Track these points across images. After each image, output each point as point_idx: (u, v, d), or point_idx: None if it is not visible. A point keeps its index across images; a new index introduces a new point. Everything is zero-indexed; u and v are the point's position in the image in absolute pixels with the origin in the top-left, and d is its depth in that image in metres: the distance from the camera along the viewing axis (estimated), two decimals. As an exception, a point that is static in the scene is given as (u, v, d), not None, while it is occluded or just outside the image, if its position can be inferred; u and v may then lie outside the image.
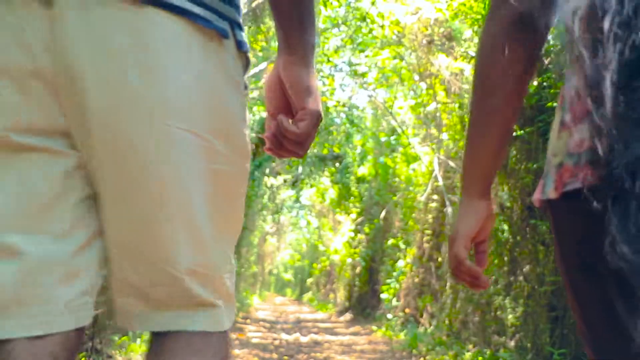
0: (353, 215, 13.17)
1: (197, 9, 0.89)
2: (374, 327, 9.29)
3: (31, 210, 0.88)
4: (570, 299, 0.92)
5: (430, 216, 7.90)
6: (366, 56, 10.28)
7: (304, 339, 7.94)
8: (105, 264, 1.00)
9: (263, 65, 8.31)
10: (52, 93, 0.87)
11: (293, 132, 1.01)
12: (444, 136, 7.36)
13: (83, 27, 0.84)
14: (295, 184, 15.62)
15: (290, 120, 1.02)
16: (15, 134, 0.86)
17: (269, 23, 7.93)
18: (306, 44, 1.01)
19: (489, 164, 1.04)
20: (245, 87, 1.00)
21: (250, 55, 1.04)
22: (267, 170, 12.46)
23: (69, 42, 0.84)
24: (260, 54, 8.68)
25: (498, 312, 5.80)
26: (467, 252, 1.05)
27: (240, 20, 0.99)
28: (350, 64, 10.80)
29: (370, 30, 9.56)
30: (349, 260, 13.11)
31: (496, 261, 5.46)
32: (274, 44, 8.25)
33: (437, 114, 7.67)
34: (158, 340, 0.99)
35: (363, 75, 10.80)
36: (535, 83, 4.91)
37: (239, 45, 0.98)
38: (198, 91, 0.90)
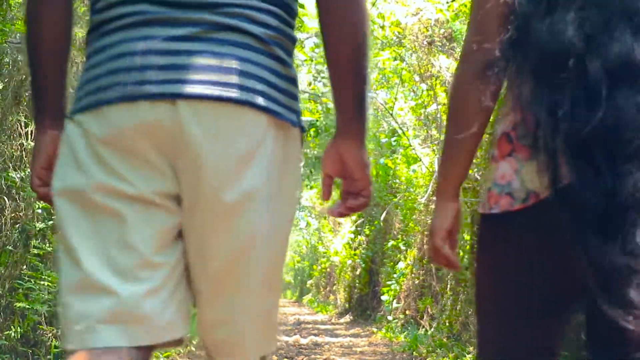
0: (353, 217, 13.15)
1: (276, 108, 1.18)
2: (374, 329, 9.27)
3: (159, 241, 1.18)
4: (495, 290, 1.20)
5: (430, 218, 7.87)
6: (367, 57, 10.26)
7: (303, 341, 7.92)
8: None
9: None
10: (173, 170, 1.18)
11: (358, 206, 1.35)
12: (445, 137, 7.33)
13: (199, 125, 1.13)
14: (295, 185, 15.59)
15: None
16: (152, 195, 1.17)
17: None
18: (365, 131, 1.32)
19: (462, 174, 1.28)
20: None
21: None
22: (267, 172, 12.42)
23: (189, 133, 1.13)
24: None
25: (499, 314, 5.77)
26: (444, 243, 1.30)
27: (299, 107, 1.29)
28: (350, 65, 10.79)
29: (371, 31, 9.54)
30: (349, 261, 13.09)
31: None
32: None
33: (438, 115, 7.65)
34: None
35: (363, 76, 10.78)
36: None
37: (301, 128, 1.28)
38: (276, 169, 1.20)
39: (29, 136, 3.97)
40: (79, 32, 4.43)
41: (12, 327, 3.69)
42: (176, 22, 1.15)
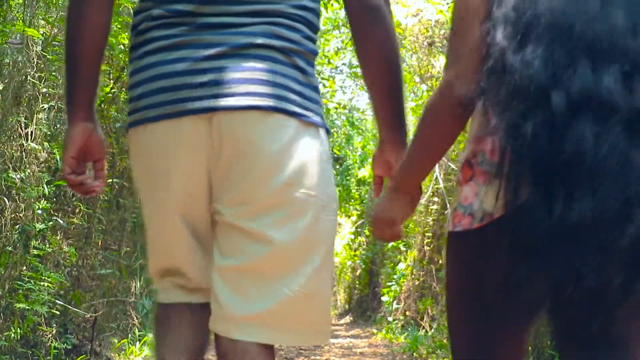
0: (353, 218, 13.15)
1: (304, 112, 1.34)
2: (374, 330, 9.26)
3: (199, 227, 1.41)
4: (462, 298, 1.33)
5: (431, 219, 7.87)
6: (367, 58, 10.27)
7: (304, 342, 7.90)
8: None
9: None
10: (209, 173, 1.35)
11: None
12: (445, 138, 7.32)
13: (232, 134, 1.29)
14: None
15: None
16: (187, 195, 1.37)
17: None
18: (405, 137, 1.53)
19: (425, 175, 1.50)
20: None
21: None
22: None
23: (226, 146, 1.30)
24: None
25: (499, 315, 5.77)
26: (401, 231, 1.52)
27: (323, 112, 1.44)
28: (350, 66, 10.78)
29: (371, 32, 9.54)
30: (349, 262, 13.09)
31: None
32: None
33: (438, 116, 7.64)
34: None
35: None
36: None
37: (326, 129, 1.42)
38: (320, 173, 1.35)
39: (29, 137, 3.97)
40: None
41: (11, 328, 3.69)
42: (207, 43, 1.30)
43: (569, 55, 1.12)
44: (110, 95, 4.86)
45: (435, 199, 7.71)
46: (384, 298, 9.33)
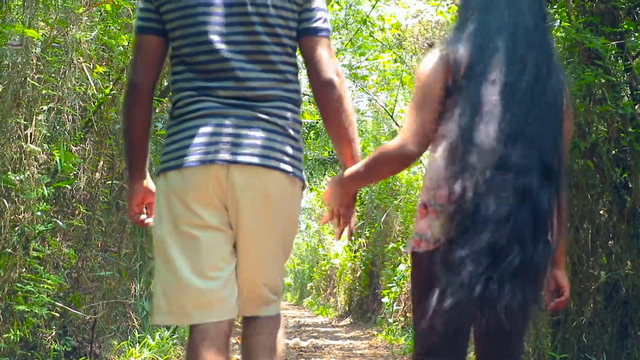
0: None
1: (292, 170, 1.94)
2: (375, 332, 9.26)
3: (223, 252, 1.95)
4: (421, 301, 1.83)
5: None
6: (367, 59, 10.25)
7: (304, 344, 7.90)
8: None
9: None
10: (226, 209, 1.92)
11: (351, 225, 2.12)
12: (445, 139, 7.31)
13: (241, 182, 1.88)
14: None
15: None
16: (216, 224, 1.92)
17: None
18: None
19: (362, 186, 2.29)
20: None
21: None
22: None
23: (235, 190, 1.89)
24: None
25: (499, 317, 5.75)
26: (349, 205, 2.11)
27: (302, 167, 2.02)
28: (350, 67, 10.76)
29: (371, 34, 9.52)
30: (350, 264, 13.07)
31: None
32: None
33: (438, 118, 7.64)
34: (249, 320, 2.07)
35: (364, 78, 10.76)
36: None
37: (303, 182, 2.02)
38: (291, 209, 1.99)
39: (28, 139, 3.96)
40: (82, 36, 4.42)
41: (11, 330, 3.68)
42: (229, 114, 1.90)
43: (518, 130, 1.70)
44: (109, 97, 4.86)
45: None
46: (385, 299, 9.32)
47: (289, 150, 1.93)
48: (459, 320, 1.76)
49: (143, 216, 2.16)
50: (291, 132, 1.95)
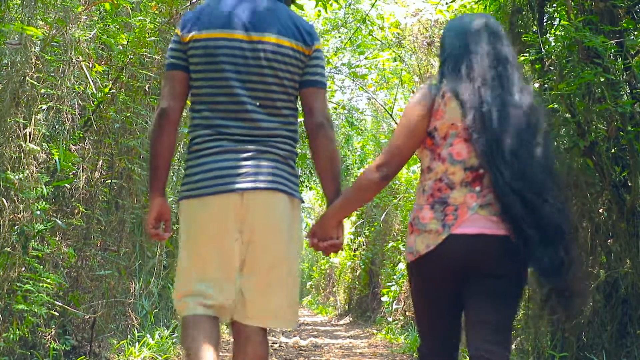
0: (353, 218, 13.14)
1: (291, 191, 2.33)
2: (374, 331, 9.26)
3: (234, 264, 2.30)
4: (417, 303, 2.32)
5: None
6: (366, 58, 10.24)
7: (303, 342, 7.90)
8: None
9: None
10: (239, 231, 2.27)
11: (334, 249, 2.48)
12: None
13: (254, 203, 2.26)
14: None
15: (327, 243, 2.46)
16: (230, 242, 2.29)
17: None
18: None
19: (349, 213, 2.63)
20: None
21: None
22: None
23: (249, 209, 2.26)
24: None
25: (499, 315, 5.74)
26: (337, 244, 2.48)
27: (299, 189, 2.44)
28: (350, 66, 10.76)
29: (370, 32, 9.52)
30: (349, 263, 13.08)
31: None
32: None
33: (437, 116, 7.63)
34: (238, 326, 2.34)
35: (363, 77, 10.76)
36: (536, 85, 4.88)
37: (301, 200, 2.43)
38: (292, 226, 2.36)
39: (28, 138, 3.96)
40: (82, 35, 4.41)
41: (10, 329, 3.68)
42: (239, 150, 2.28)
43: (497, 153, 2.06)
44: (109, 96, 4.85)
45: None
46: (384, 298, 9.32)
47: (289, 176, 2.34)
48: (451, 312, 2.24)
49: (159, 231, 2.42)
50: (290, 162, 2.37)
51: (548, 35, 5.08)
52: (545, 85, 4.83)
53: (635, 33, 4.42)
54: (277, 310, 2.33)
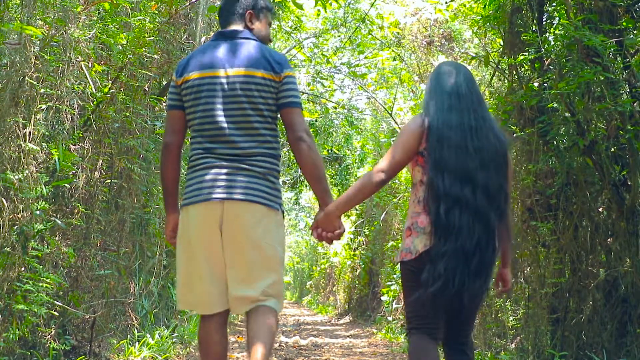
0: (353, 217, 13.14)
1: (266, 202, 2.75)
2: (374, 330, 9.26)
3: (221, 267, 2.78)
4: (406, 296, 2.69)
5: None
6: (365, 57, 10.24)
7: (303, 342, 7.90)
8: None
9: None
10: (221, 232, 2.74)
11: (334, 238, 2.90)
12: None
13: (228, 211, 2.71)
14: (294, 185, 15.57)
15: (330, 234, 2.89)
16: (215, 244, 2.74)
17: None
18: (329, 210, 2.84)
19: (349, 209, 2.98)
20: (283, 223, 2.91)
21: None
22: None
23: (226, 216, 2.72)
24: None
25: (498, 314, 5.76)
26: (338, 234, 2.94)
27: (281, 201, 2.88)
28: (349, 65, 10.76)
29: (370, 32, 9.52)
30: (349, 262, 13.07)
31: (497, 263, 5.42)
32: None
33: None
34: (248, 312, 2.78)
35: (362, 76, 10.75)
36: (536, 84, 4.88)
37: (283, 211, 2.87)
38: (274, 233, 2.79)
39: (27, 137, 3.95)
40: (81, 35, 4.41)
41: (10, 329, 3.68)
42: (222, 167, 2.72)
43: (453, 180, 2.54)
44: (108, 95, 4.85)
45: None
46: (384, 298, 9.32)
47: (267, 189, 2.74)
48: (436, 300, 2.56)
49: (176, 240, 2.87)
50: (269, 177, 2.76)
51: (547, 34, 5.08)
52: (545, 85, 4.83)
53: (635, 32, 4.42)
54: (255, 296, 2.73)
